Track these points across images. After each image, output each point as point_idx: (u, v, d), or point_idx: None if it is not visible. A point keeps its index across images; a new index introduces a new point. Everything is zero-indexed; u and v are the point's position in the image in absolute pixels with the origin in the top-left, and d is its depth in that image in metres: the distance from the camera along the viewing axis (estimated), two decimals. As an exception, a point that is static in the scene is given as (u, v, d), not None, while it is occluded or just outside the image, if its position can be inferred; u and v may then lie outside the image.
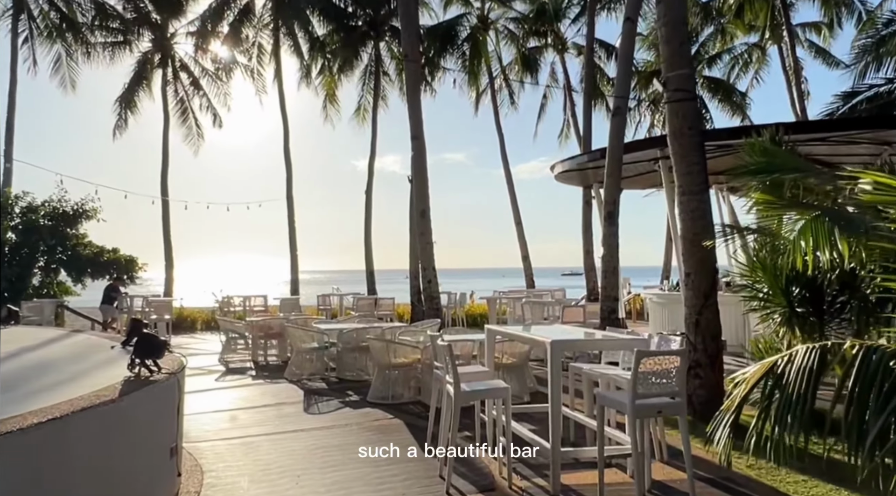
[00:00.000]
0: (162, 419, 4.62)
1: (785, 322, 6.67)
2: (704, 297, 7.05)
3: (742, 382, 3.57)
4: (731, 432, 3.53)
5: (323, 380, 10.14)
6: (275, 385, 9.88)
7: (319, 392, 9.35)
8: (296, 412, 8.01)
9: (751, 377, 3.52)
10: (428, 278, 13.83)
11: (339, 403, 8.51)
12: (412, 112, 13.97)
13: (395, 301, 17.09)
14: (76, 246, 19.30)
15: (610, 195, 11.65)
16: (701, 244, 7.01)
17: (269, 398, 8.88)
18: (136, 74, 22.32)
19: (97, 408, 3.70)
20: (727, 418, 3.52)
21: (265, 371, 11.23)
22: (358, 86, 25.03)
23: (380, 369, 8.68)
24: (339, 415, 7.83)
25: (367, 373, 10.18)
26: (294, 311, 15.76)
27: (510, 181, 24.71)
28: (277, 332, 12.32)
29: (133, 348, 4.66)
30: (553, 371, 4.79)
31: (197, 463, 5.76)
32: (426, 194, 13.92)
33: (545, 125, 29.65)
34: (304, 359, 10.51)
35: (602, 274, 11.70)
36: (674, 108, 7.10)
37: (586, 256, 19.17)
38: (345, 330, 10.41)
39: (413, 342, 8.75)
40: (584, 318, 11.68)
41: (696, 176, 7.04)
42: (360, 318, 12.71)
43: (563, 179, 16.36)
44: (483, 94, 26.93)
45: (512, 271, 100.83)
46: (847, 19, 26.34)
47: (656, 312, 14.76)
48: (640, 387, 4.47)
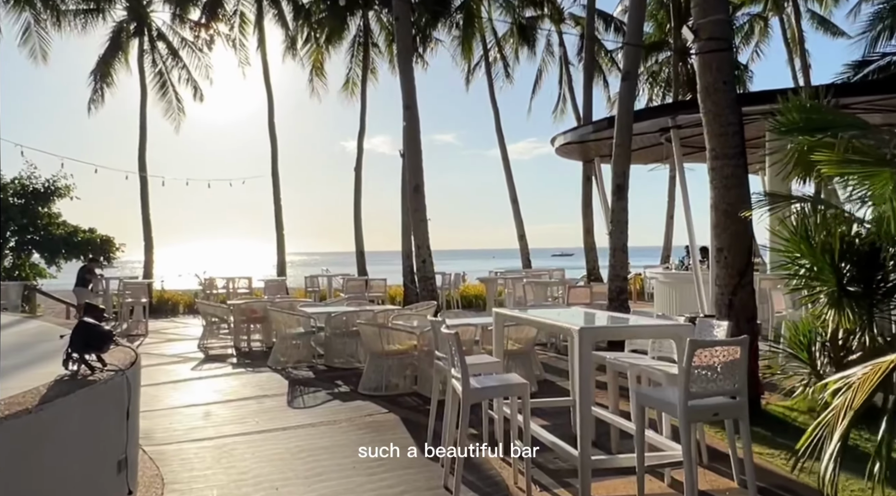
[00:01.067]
0: (105, 427, 3.74)
1: (834, 303, 5.86)
2: (739, 276, 6.24)
3: (847, 389, 2.73)
4: (840, 457, 2.68)
5: (310, 369, 9.30)
6: (257, 374, 9.02)
7: (306, 382, 8.51)
8: (279, 406, 7.16)
9: (862, 382, 2.69)
10: (422, 258, 12.96)
11: (328, 395, 7.66)
12: (404, 79, 13.00)
13: (386, 282, 16.21)
14: (49, 225, 18.27)
15: (619, 167, 10.79)
16: (736, 216, 6.18)
17: (249, 390, 8.03)
18: (111, 44, 21.04)
19: (5, 423, 2.84)
20: (835, 440, 2.66)
21: (247, 358, 10.36)
22: (346, 58, 23.90)
23: (372, 357, 7.84)
24: (327, 409, 6.98)
25: (357, 361, 9.36)
26: (279, 294, 14.87)
27: (505, 157, 23.75)
28: (261, 316, 11.46)
29: (69, 340, 3.78)
30: (582, 364, 3.96)
31: (158, 472, 4.90)
32: (420, 168, 13.00)
33: (537, 102, 28.60)
34: (290, 345, 9.66)
35: (610, 252, 10.87)
36: (706, 60, 6.21)
37: (586, 235, 18.37)
38: (333, 313, 9.55)
39: (409, 327, 7.90)
40: (590, 299, 10.88)
41: (732, 138, 6.18)
42: (350, 301, 11.84)
43: (564, 153, 15.48)
44: (476, 67, 25.90)
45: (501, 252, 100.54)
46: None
47: (663, 293, 14.00)
48: (693, 384, 3.64)
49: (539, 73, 27.15)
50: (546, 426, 5.28)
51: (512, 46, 26.40)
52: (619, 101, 10.88)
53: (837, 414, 2.72)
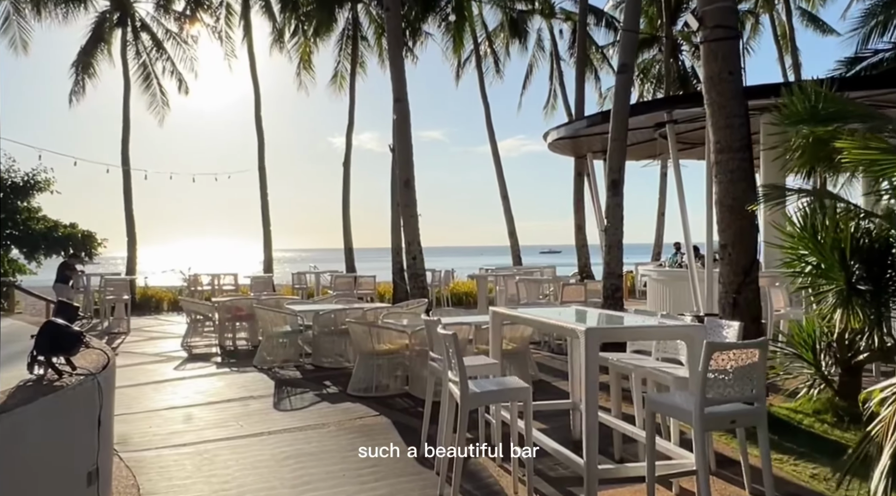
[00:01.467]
0: (73, 437, 3.44)
1: (842, 302, 5.65)
2: (744, 274, 6.01)
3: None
4: (893, 475, 2.42)
5: (297, 368, 9.00)
6: (242, 374, 8.71)
7: (293, 382, 8.21)
8: (264, 408, 6.86)
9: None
10: (413, 254, 12.67)
11: (315, 396, 7.37)
12: (394, 71, 12.68)
13: (376, 279, 15.90)
14: (28, 220, 17.78)
15: (615, 161, 10.55)
16: (742, 211, 5.96)
17: (234, 391, 7.72)
18: (93, 35, 20.53)
19: (-46, 436, 2.54)
20: (886, 456, 2.40)
21: (233, 358, 10.05)
22: (335, 51, 23.55)
23: (362, 357, 7.56)
24: (315, 411, 6.70)
25: (346, 360, 9.09)
26: (266, 291, 14.52)
27: (496, 153, 23.50)
28: (247, 314, 11.14)
29: (35, 342, 3.47)
30: (589, 367, 3.70)
31: (135, 481, 4.60)
32: (410, 162, 12.69)
33: (527, 98, 28.30)
34: (276, 344, 9.35)
35: (605, 249, 10.64)
36: (712, 48, 5.97)
37: (578, 232, 18.14)
38: (322, 311, 9.26)
39: (400, 326, 7.62)
40: (584, 297, 10.66)
41: (738, 130, 5.95)
42: (339, 298, 11.54)
43: (557, 148, 15.24)
44: (467, 62, 25.63)
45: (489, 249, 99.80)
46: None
47: (656, 291, 13.81)
48: (709, 390, 3.40)
49: (530, 68, 26.97)
50: (544, 429, 5.02)
51: (502, 41, 26.16)
52: (615, 95, 10.64)
53: (886, 426, 2.47)
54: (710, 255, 11.90)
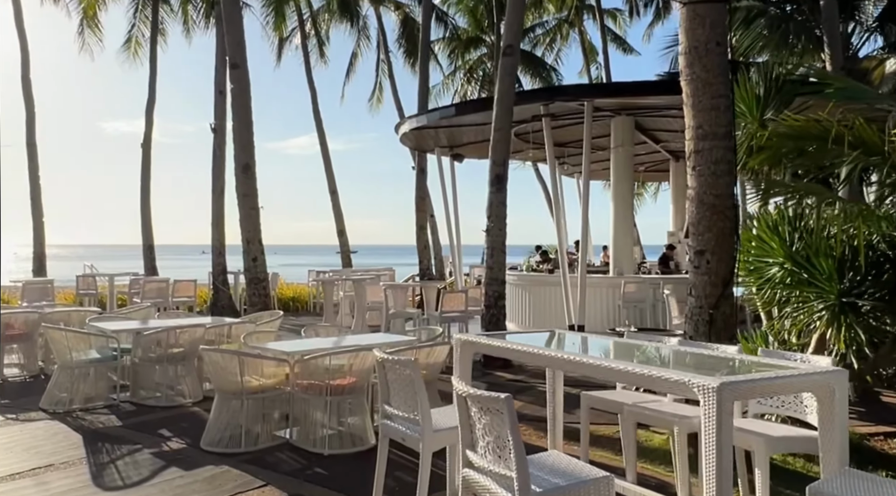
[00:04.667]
0: None
1: (833, 319, 4.98)
2: (723, 285, 5.12)
3: None
4: None
5: (110, 410, 6.56)
6: (26, 425, 6.09)
7: (111, 434, 5.82)
8: (77, 486, 4.53)
9: None
10: (253, 255, 10.44)
11: (155, 458, 5.15)
12: (230, 29, 10.34)
13: (196, 284, 13.12)
14: None
15: (499, 154, 9.42)
16: (725, 210, 5.07)
17: (18, 456, 5.18)
18: None
19: None
20: None
21: (3, 397, 7.19)
22: (128, 12, 19.95)
23: (222, 397, 5.48)
24: (163, 486, 4.55)
25: (181, 395, 6.87)
26: (45, 299, 11.19)
27: (324, 142, 21.48)
28: (22, 333, 8.24)
29: None
30: (722, 447, 2.34)
31: None
32: (251, 143, 10.43)
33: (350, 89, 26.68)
34: (76, 375, 6.76)
35: (488, 251, 9.47)
36: (698, 12, 4.98)
37: (420, 232, 16.94)
38: (146, 331, 6.89)
39: (280, 353, 5.65)
40: (465, 306, 9.41)
41: (723, 113, 5.03)
42: (156, 309, 9.00)
43: (410, 140, 13.87)
44: (287, 40, 23.32)
45: (282, 248, 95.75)
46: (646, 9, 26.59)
47: (513, 297, 12.93)
48: None
49: (353, 56, 25.31)
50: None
51: (325, 23, 24.27)
52: (499, 79, 9.51)
53: None
54: (584, 261, 11.35)
